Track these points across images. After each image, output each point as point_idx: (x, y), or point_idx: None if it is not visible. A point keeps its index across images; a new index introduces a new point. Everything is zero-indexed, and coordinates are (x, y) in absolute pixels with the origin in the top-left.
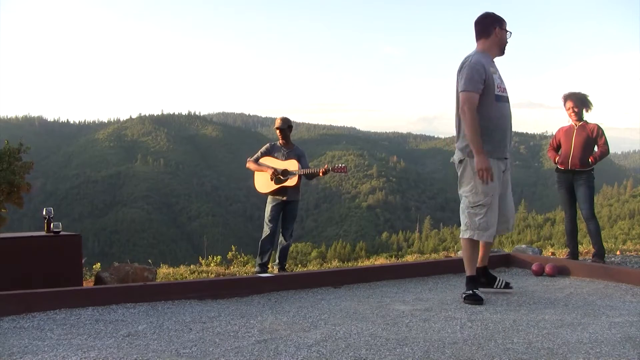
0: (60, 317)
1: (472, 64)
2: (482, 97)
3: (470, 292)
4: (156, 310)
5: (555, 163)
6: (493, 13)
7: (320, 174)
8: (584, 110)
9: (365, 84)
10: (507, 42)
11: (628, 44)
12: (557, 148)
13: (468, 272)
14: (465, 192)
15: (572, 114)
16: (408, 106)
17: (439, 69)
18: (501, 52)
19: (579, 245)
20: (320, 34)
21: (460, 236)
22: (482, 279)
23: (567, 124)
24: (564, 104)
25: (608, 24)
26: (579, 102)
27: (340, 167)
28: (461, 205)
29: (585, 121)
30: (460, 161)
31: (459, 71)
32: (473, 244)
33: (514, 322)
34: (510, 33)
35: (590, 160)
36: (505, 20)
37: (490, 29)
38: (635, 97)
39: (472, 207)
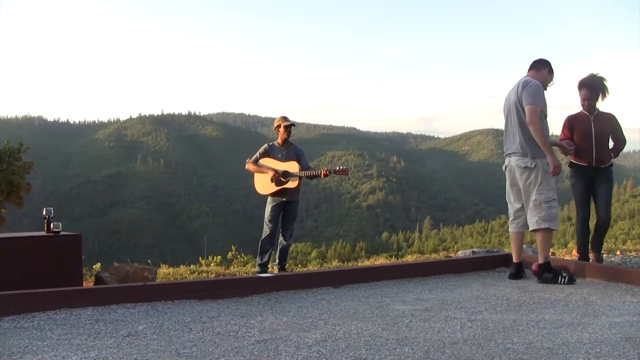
0: (60, 317)
1: (538, 85)
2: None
3: (560, 275)
4: (156, 310)
5: (576, 156)
6: (549, 61)
7: (322, 176)
8: (599, 98)
9: (365, 84)
10: (548, 83)
11: (628, 44)
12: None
13: (543, 260)
14: (540, 190)
15: (586, 104)
16: (408, 106)
17: (439, 69)
18: (543, 88)
19: None
20: (320, 34)
21: (536, 227)
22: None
23: (576, 111)
24: (579, 91)
25: (608, 24)
26: (594, 92)
27: (342, 169)
28: (534, 202)
29: (598, 110)
30: (527, 166)
31: (522, 88)
32: (549, 232)
33: (514, 322)
34: (553, 82)
35: (611, 155)
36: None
37: (543, 67)
38: (636, 97)
39: (547, 202)
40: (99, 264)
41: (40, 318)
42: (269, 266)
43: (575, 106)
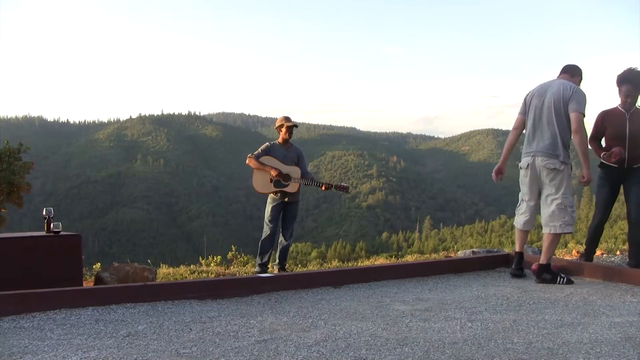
0: (60, 317)
1: (582, 92)
2: None
3: (559, 276)
4: (156, 310)
5: (601, 157)
6: (582, 70)
7: (322, 189)
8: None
9: (365, 84)
10: None
11: (628, 44)
12: (599, 137)
13: (546, 261)
14: (565, 194)
15: (628, 101)
16: (408, 106)
17: (439, 69)
18: None
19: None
20: (320, 34)
21: (559, 231)
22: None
23: (611, 106)
24: (619, 87)
25: (608, 24)
26: (637, 87)
27: (343, 186)
28: (559, 206)
29: (636, 107)
30: (556, 168)
31: (572, 92)
32: (559, 236)
33: (514, 322)
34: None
35: None
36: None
37: (577, 75)
38: None
39: (571, 206)
40: (99, 264)
41: (40, 318)
42: (269, 266)
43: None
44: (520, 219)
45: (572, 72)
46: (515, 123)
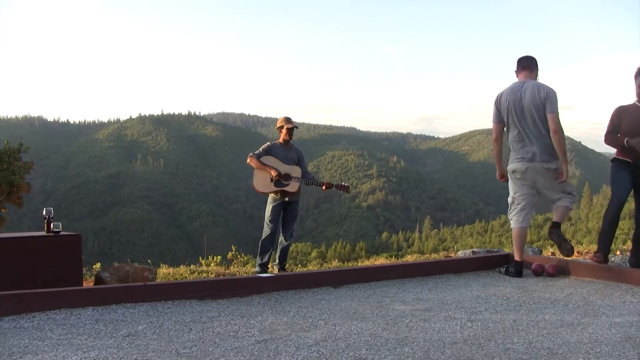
0: (60, 317)
1: (552, 90)
2: None
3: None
4: (156, 310)
5: (625, 143)
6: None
7: (323, 189)
8: None
9: (365, 84)
10: None
11: (628, 44)
12: (615, 131)
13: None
14: (570, 189)
15: None
16: (408, 106)
17: (439, 69)
18: None
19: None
20: (320, 34)
21: (571, 207)
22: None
23: (630, 102)
24: (636, 79)
25: (608, 24)
26: None
27: (343, 185)
28: (570, 199)
29: None
30: (556, 167)
31: (546, 94)
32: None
33: (514, 322)
34: None
35: None
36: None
37: (535, 68)
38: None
39: (574, 192)
40: (99, 264)
41: (40, 318)
42: (269, 266)
43: (575, 107)
44: (519, 216)
45: (531, 67)
46: (495, 133)
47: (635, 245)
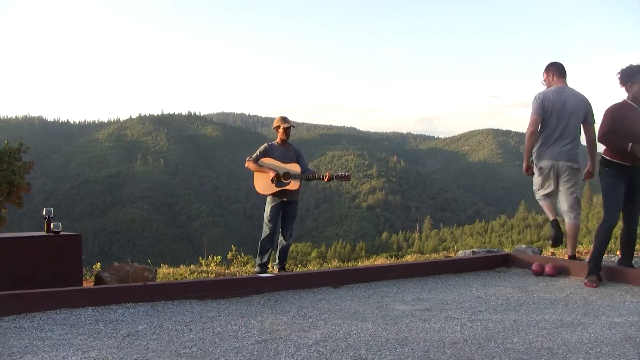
0: (60, 317)
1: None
2: None
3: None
4: (156, 310)
5: (629, 149)
6: None
7: (325, 180)
8: None
9: (365, 84)
10: None
11: (628, 44)
12: (615, 133)
13: (572, 253)
14: (577, 188)
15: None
16: (408, 106)
17: (439, 69)
18: None
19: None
20: (320, 34)
21: (578, 222)
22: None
23: (619, 100)
24: (634, 80)
25: (608, 24)
26: None
27: (344, 175)
28: (575, 200)
29: None
30: (578, 168)
31: (588, 106)
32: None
33: (514, 322)
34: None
35: None
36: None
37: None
38: None
39: (579, 201)
40: (99, 264)
41: (40, 318)
42: (269, 266)
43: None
44: (547, 191)
45: (565, 75)
46: (534, 125)
47: (625, 248)
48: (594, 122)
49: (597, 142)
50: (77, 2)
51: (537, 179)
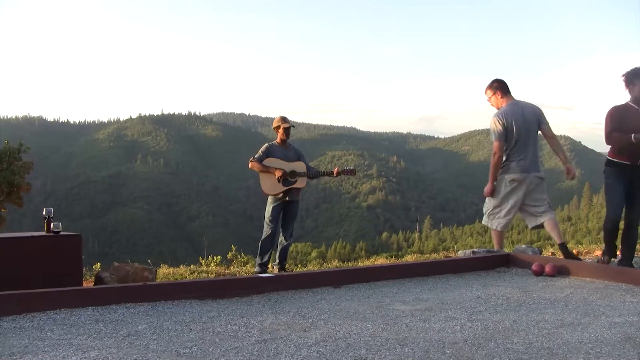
0: (60, 317)
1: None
2: None
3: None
4: (156, 310)
5: (633, 139)
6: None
7: (335, 174)
8: None
9: (365, 84)
10: None
11: (628, 44)
12: (618, 131)
13: (561, 240)
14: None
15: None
16: (408, 106)
17: (439, 69)
18: None
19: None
20: (320, 34)
21: (552, 215)
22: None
23: (622, 102)
24: (634, 81)
25: (608, 24)
26: None
27: (350, 169)
28: (549, 203)
29: None
30: (544, 177)
31: (541, 114)
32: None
33: (514, 322)
34: None
35: None
36: None
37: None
38: None
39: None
40: (99, 264)
41: (40, 318)
42: (269, 266)
43: (575, 107)
44: (502, 221)
45: (509, 91)
46: (500, 151)
47: (626, 247)
48: (548, 122)
49: (605, 143)
50: (77, 2)
51: (493, 200)
